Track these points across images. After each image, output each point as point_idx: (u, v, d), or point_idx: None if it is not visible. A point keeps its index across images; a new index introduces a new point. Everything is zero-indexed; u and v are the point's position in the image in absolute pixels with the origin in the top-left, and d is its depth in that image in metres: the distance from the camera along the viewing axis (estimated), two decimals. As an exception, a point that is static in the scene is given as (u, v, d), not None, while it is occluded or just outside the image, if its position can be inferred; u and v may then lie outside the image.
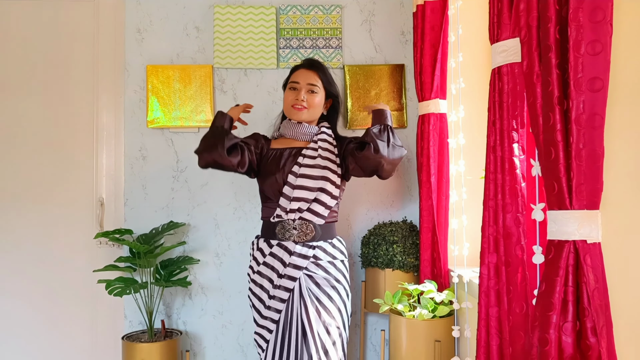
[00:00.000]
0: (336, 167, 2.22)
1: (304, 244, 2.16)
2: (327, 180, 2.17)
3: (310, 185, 2.15)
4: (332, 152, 2.24)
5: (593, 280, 1.19)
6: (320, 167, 2.18)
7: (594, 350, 1.19)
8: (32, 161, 2.86)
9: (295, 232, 2.16)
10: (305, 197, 2.15)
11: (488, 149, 1.62)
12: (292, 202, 2.15)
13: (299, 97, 2.21)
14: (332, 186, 2.19)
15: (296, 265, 2.13)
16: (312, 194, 2.15)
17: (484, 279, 1.61)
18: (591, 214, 1.20)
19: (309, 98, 2.23)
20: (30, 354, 2.84)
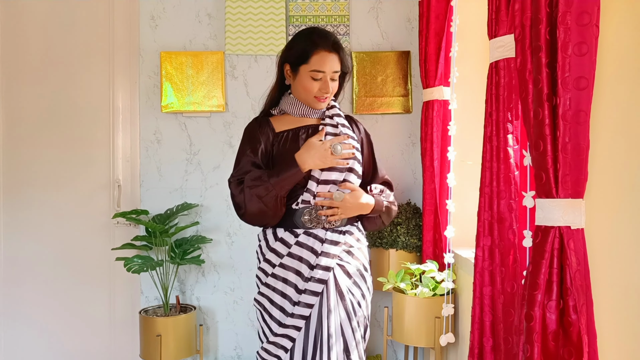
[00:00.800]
0: (357, 143, 2.01)
1: (334, 229, 1.94)
2: (356, 159, 1.96)
3: (340, 166, 1.93)
4: (349, 129, 2.02)
5: (575, 262, 1.30)
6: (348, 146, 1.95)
7: (575, 326, 1.30)
8: (52, 145, 2.99)
9: (324, 217, 1.92)
10: (335, 178, 1.92)
11: (485, 138, 1.72)
12: (319, 185, 1.91)
13: (327, 89, 1.93)
14: (359, 165, 1.99)
15: (329, 254, 1.88)
16: (341, 175, 1.93)
17: (479, 260, 1.72)
18: (575, 203, 1.31)
19: (332, 86, 1.95)
20: (53, 327, 3.01)
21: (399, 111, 3.01)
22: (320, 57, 1.90)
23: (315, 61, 1.90)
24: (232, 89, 3.00)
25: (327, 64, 1.91)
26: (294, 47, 1.97)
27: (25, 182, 2.99)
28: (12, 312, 3.00)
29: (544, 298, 1.33)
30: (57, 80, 2.99)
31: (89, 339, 3.02)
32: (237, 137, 3.00)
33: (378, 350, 3.03)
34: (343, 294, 1.88)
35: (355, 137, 2.02)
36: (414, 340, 2.46)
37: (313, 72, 1.91)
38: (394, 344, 3.05)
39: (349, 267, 1.92)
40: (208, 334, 3.03)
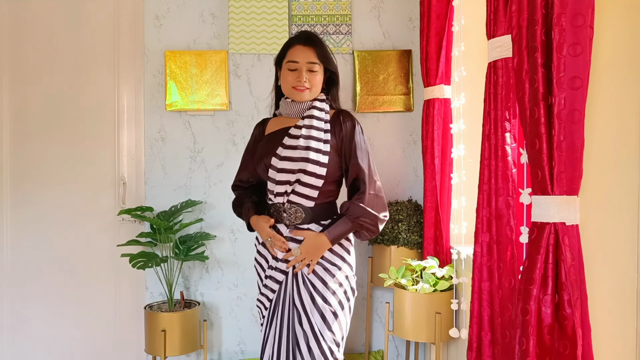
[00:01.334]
0: (322, 145, 2.10)
1: (295, 226, 2.10)
2: (307, 160, 2.05)
3: (291, 167, 2.07)
4: (319, 130, 2.12)
5: (570, 258, 1.34)
6: (302, 147, 2.08)
7: (570, 320, 1.34)
8: (59, 143, 3.03)
9: (285, 215, 2.11)
10: (288, 179, 2.08)
11: (483, 137, 1.75)
12: (277, 185, 2.10)
13: (300, 78, 2.10)
14: (315, 166, 2.06)
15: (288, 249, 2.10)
16: (293, 176, 2.07)
17: (478, 256, 1.76)
18: (570, 199, 1.34)
19: (310, 78, 2.11)
20: (59, 322, 3.06)
21: (401, 109, 3.05)
22: (294, 49, 2.13)
23: (290, 54, 2.14)
24: (236, 88, 3.04)
25: (299, 55, 2.11)
26: (282, 48, 2.21)
27: (32, 179, 3.04)
28: (19, 307, 3.05)
29: (539, 292, 1.36)
30: (63, 79, 3.03)
31: (95, 334, 3.07)
32: (240, 135, 3.05)
33: (380, 346, 3.07)
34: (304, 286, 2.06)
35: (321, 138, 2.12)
36: (414, 336, 2.50)
37: (289, 63, 2.13)
38: (396, 339, 3.09)
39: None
40: (212, 330, 3.07)
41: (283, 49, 2.19)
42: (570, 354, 1.34)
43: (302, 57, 2.11)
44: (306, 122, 2.13)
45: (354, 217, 2.07)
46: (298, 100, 2.14)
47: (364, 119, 3.05)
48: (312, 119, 2.13)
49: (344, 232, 2.08)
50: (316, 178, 2.07)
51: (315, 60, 2.11)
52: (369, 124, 3.05)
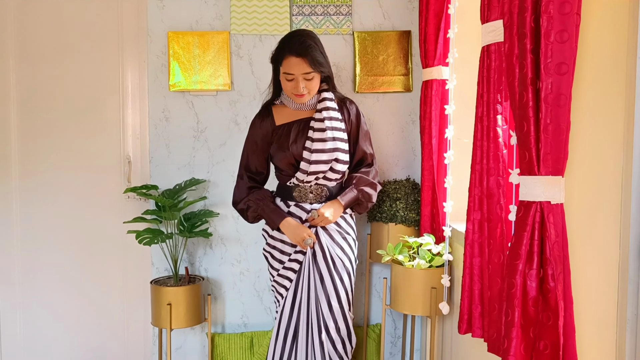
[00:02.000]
0: (343, 134, 2.41)
1: (318, 202, 2.47)
2: (339, 150, 2.38)
3: (325, 159, 2.36)
4: (337, 120, 2.40)
5: (554, 235, 1.42)
6: (330, 139, 2.36)
7: (553, 293, 1.42)
8: (65, 122, 3.11)
9: (312, 195, 2.46)
10: (322, 169, 2.39)
11: (476, 118, 1.82)
12: (308, 175, 2.40)
13: (298, 88, 2.30)
14: (343, 154, 2.40)
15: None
16: (327, 165, 2.38)
17: (469, 233, 1.84)
18: (555, 180, 1.41)
19: (307, 85, 2.32)
20: (69, 297, 3.17)
21: (400, 90, 3.10)
22: (289, 62, 2.27)
23: (285, 65, 2.29)
24: (238, 68, 3.09)
25: (294, 68, 2.26)
26: (275, 51, 2.38)
27: (40, 160, 3.12)
28: (29, 284, 3.16)
29: (525, 267, 1.45)
30: (68, 61, 3.08)
31: (103, 307, 3.18)
32: (242, 115, 3.11)
33: (377, 320, 3.18)
34: (324, 249, 2.42)
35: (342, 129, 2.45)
36: (411, 309, 2.60)
37: (285, 74, 2.31)
38: (393, 313, 3.20)
39: (330, 230, 2.45)
40: (216, 304, 3.18)
41: (277, 54, 2.34)
42: (552, 324, 1.43)
43: (296, 69, 2.27)
44: (325, 115, 2.38)
45: (359, 186, 2.47)
46: (299, 103, 2.42)
47: (364, 99, 3.11)
48: (329, 110, 2.39)
49: (353, 199, 2.46)
50: (343, 164, 2.43)
51: (310, 70, 2.27)
52: (369, 104, 3.11)
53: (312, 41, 2.29)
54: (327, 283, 2.41)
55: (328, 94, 2.43)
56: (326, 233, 2.45)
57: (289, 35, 2.37)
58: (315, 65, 2.27)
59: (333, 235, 2.47)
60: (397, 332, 3.22)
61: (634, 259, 1.50)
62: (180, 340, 3.18)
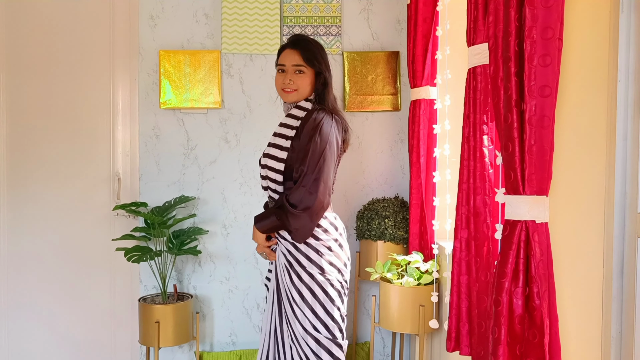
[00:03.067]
0: (284, 141, 2.18)
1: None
2: (269, 157, 2.19)
3: (262, 163, 2.24)
4: (287, 127, 2.21)
5: (539, 253, 1.44)
6: (272, 145, 2.21)
7: (538, 310, 1.44)
8: (55, 140, 3.11)
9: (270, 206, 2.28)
10: (262, 174, 2.26)
11: (463, 139, 1.85)
12: (262, 180, 2.29)
13: (285, 80, 2.22)
14: (274, 161, 2.17)
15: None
16: (263, 171, 2.24)
17: (457, 252, 1.86)
18: (539, 199, 1.45)
19: (297, 79, 2.21)
20: (56, 315, 3.14)
21: (389, 109, 3.15)
22: (284, 53, 2.27)
23: (280, 58, 2.28)
24: (228, 87, 3.12)
25: (286, 58, 2.24)
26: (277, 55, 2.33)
27: (29, 176, 3.11)
28: (16, 301, 3.13)
29: (511, 285, 1.47)
30: (60, 78, 3.10)
31: (91, 325, 3.15)
32: (232, 133, 3.14)
33: (366, 337, 3.18)
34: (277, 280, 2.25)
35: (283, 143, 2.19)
36: (400, 327, 2.61)
37: (278, 66, 2.28)
38: (382, 331, 3.20)
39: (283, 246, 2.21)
40: (204, 321, 3.17)
41: (278, 53, 2.33)
42: (538, 342, 1.45)
43: (288, 60, 2.24)
44: (282, 121, 2.26)
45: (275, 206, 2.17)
46: (285, 101, 2.29)
47: (353, 117, 3.14)
48: (288, 117, 2.25)
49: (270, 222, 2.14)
50: (275, 173, 2.18)
51: (301, 63, 2.21)
52: (358, 123, 3.15)
53: (310, 41, 2.27)
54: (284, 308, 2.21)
55: (305, 103, 2.25)
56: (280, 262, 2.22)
57: None
58: (307, 60, 2.20)
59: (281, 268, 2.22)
60: (386, 350, 3.22)
61: (618, 277, 1.53)
62: (169, 359, 3.16)
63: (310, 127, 2.14)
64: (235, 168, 3.14)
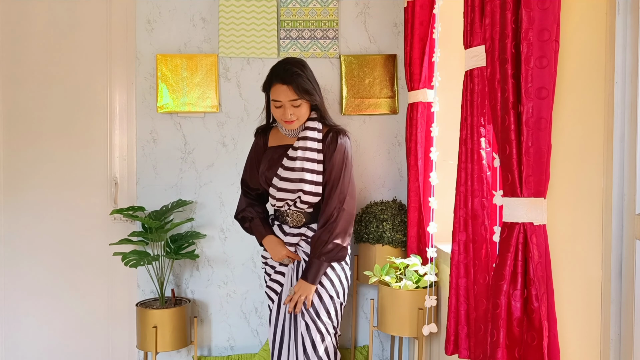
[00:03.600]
0: (316, 165, 2.37)
1: (294, 227, 2.48)
2: (305, 182, 2.35)
3: (290, 188, 2.37)
4: (313, 150, 2.38)
5: (537, 255, 1.44)
6: (298, 169, 2.36)
7: (537, 313, 1.44)
8: (52, 144, 3.10)
9: (289, 219, 2.48)
10: (289, 197, 2.41)
11: (460, 141, 1.85)
12: (277, 201, 2.44)
13: (285, 115, 2.33)
14: (310, 185, 2.36)
15: (289, 243, 2.48)
16: (293, 194, 2.39)
17: (455, 254, 1.86)
18: (537, 201, 1.44)
19: (295, 112, 2.33)
20: (52, 319, 3.13)
21: (386, 112, 3.15)
22: (276, 89, 2.32)
23: (273, 93, 2.34)
24: (226, 91, 3.12)
25: (281, 95, 2.31)
26: (265, 80, 2.41)
27: (25, 180, 3.10)
28: (12, 304, 3.11)
29: (509, 288, 1.46)
30: (56, 82, 3.09)
31: (88, 330, 3.14)
32: (230, 137, 3.13)
33: (365, 341, 3.17)
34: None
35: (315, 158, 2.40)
36: (398, 331, 2.60)
37: (273, 101, 2.35)
38: (380, 334, 3.19)
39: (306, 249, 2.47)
40: (202, 326, 3.16)
41: (267, 82, 2.38)
42: (537, 344, 1.45)
43: (283, 96, 2.31)
44: (301, 144, 2.39)
45: (319, 254, 2.37)
46: (289, 129, 2.41)
47: (350, 121, 3.14)
48: (306, 140, 2.39)
49: (320, 269, 2.39)
50: (313, 196, 2.40)
51: (295, 97, 2.30)
52: (355, 127, 3.15)
53: (298, 69, 2.32)
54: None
55: (313, 123, 2.42)
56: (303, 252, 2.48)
57: (277, 63, 2.41)
58: (300, 93, 2.30)
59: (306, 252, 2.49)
60: (385, 354, 3.21)
61: (616, 279, 1.52)
62: (166, 364, 3.15)
63: (339, 152, 2.39)
64: (232, 172, 3.13)
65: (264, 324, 3.17)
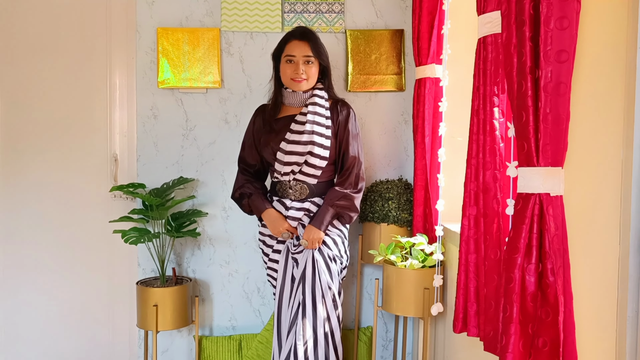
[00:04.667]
0: (325, 129, 2.41)
1: (296, 200, 2.47)
2: (315, 144, 2.37)
3: (299, 150, 2.37)
4: (322, 116, 2.42)
5: (554, 227, 1.38)
6: (308, 131, 2.38)
7: (552, 288, 1.38)
8: (51, 120, 3.03)
9: (292, 191, 2.46)
10: (296, 160, 2.39)
11: (472, 112, 1.78)
12: (284, 166, 2.42)
13: (297, 70, 2.39)
14: (320, 148, 2.39)
15: (292, 217, 2.46)
16: (301, 157, 2.38)
17: (465, 229, 1.79)
18: (554, 171, 1.38)
19: (307, 69, 2.40)
20: (51, 299, 3.08)
21: (393, 89, 3.07)
22: (291, 44, 2.41)
23: (287, 48, 2.42)
24: (228, 66, 3.04)
25: (296, 49, 2.40)
26: (278, 44, 2.48)
27: (25, 156, 3.04)
28: (14, 285, 3.07)
29: (523, 261, 1.40)
30: (55, 58, 3.02)
31: (87, 309, 3.10)
32: (232, 114, 3.06)
33: (369, 322, 3.12)
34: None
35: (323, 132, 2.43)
36: (403, 311, 2.55)
37: (286, 57, 2.41)
38: (385, 315, 3.14)
39: None
40: (203, 306, 3.11)
41: (280, 44, 2.46)
42: (552, 320, 1.39)
43: (298, 51, 2.39)
44: (310, 109, 2.42)
45: (332, 201, 2.42)
46: (297, 90, 2.43)
47: (356, 98, 3.07)
48: (315, 106, 2.43)
49: (329, 217, 2.42)
50: (320, 159, 2.41)
51: (310, 54, 2.40)
52: (361, 104, 3.07)
53: (315, 34, 2.47)
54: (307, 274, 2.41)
55: (321, 92, 2.48)
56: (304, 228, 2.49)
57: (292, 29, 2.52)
58: (315, 51, 2.40)
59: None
60: (388, 336, 3.16)
61: (635, 254, 1.46)
62: (167, 344, 3.10)
63: (345, 116, 2.48)
64: (235, 149, 3.04)
65: (266, 304, 3.12)
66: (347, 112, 2.49)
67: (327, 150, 2.41)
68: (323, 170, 2.45)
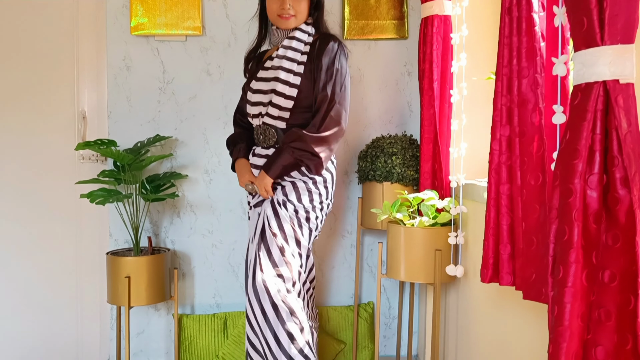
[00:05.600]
0: (296, 66, 2.10)
1: (268, 147, 2.17)
2: (279, 80, 2.08)
3: (264, 88, 2.12)
4: (295, 50, 2.12)
5: (626, 123, 1.06)
6: (275, 67, 2.12)
7: (623, 203, 1.06)
8: (10, 73, 2.68)
9: (261, 137, 2.18)
10: (260, 100, 2.14)
11: (503, 10, 1.46)
12: (252, 107, 2.17)
13: (284, 5, 2.10)
14: (284, 85, 2.08)
15: (254, 166, 2.19)
16: (266, 97, 2.12)
17: (495, 155, 1.47)
18: (626, 49, 1.06)
19: (294, 4, 2.11)
20: (16, 270, 2.72)
21: (394, 36, 2.75)
22: None
23: None
24: (210, 10, 2.71)
25: None
26: None
27: (-22, 111, 2.69)
28: (-35, 257, 2.71)
29: (585, 169, 1.08)
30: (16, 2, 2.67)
31: (54, 284, 2.74)
32: (215, 65, 2.73)
33: (370, 297, 2.80)
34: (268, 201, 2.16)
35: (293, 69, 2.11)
36: (411, 276, 2.22)
37: None
38: (387, 291, 2.81)
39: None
40: (184, 281, 2.77)
41: None
42: (622, 247, 1.06)
43: None
44: (286, 43, 2.14)
45: (286, 143, 2.06)
46: (284, 28, 2.15)
47: (353, 46, 2.75)
48: (292, 40, 2.14)
49: (281, 161, 2.06)
50: (285, 99, 2.08)
51: None
52: (359, 53, 2.75)
53: None
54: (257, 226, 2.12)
55: (306, 27, 2.17)
56: None
57: None
58: None
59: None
60: (391, 312, 2.83)
61: None
62: (143, 324, 2.76)
63: (330, 53, 2.09)
64: (218, 105, 2.73)
65: (254, 278, 2.78)
66: (325, 44, 2.10)
67: (294, 89, 2.08)
68: (292, 112, 2.10)
